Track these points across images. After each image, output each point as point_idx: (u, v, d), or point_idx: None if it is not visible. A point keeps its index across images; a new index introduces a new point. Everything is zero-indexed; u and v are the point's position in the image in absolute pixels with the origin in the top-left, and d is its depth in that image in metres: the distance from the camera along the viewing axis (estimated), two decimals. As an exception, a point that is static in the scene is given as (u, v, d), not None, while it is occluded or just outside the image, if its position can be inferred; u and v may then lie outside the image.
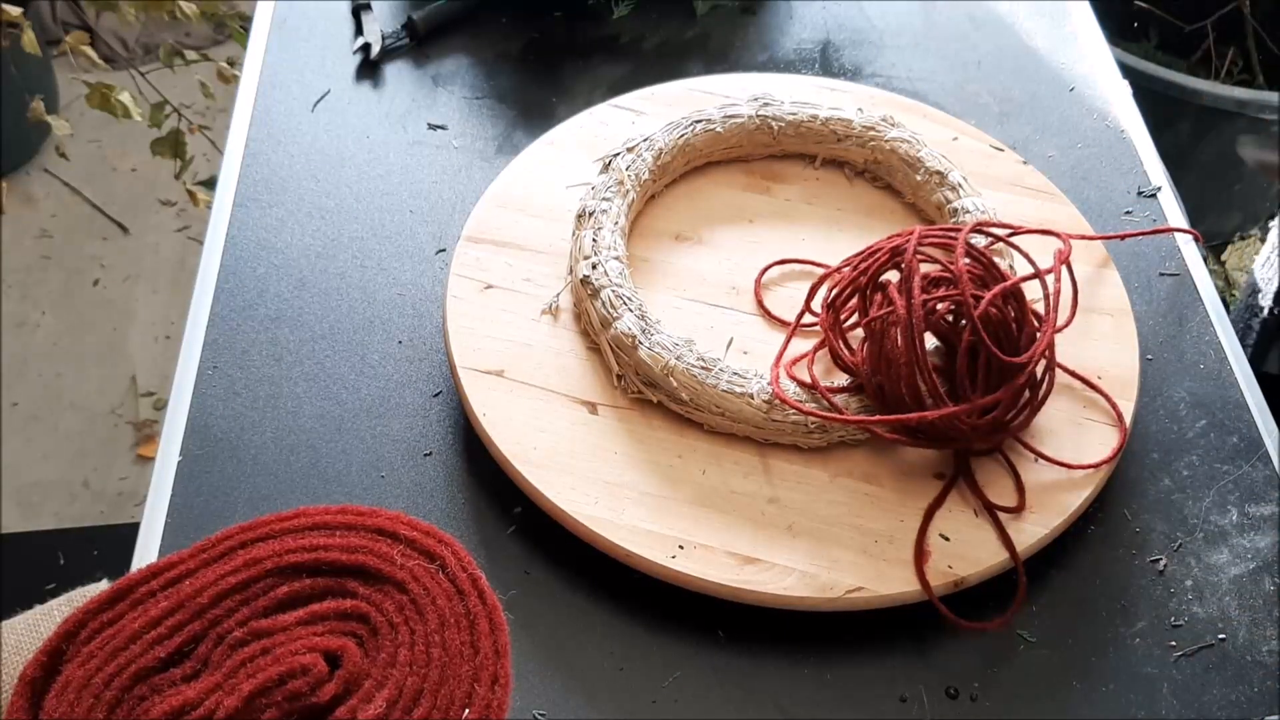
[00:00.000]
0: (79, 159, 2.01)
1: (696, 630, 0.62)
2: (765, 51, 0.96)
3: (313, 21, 0.96)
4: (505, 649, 0.52)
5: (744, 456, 0.66)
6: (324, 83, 0.91)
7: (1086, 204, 0.83)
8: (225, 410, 0.70)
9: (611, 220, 0.73)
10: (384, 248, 0.79)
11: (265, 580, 0.53)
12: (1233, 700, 0.61)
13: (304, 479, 0.67)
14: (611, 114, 0.84)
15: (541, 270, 0.74)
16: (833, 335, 0.68)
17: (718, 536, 0.62)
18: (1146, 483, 0.69)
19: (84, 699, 0.49)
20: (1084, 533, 0.67)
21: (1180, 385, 0.74)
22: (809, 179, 0.82)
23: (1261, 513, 0.68)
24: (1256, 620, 0.64)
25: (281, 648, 0.51)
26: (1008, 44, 0.98)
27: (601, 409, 0.67)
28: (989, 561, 0.62)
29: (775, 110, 0.81)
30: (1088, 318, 0.72)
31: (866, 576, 0.61)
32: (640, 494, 0.63)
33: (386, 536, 0.55)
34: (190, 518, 0.65)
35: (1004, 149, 0.83)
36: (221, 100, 1.59)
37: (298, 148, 0.86)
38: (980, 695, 0.60)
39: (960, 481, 0.65)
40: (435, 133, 0.87)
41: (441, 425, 0.70)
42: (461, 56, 0.94)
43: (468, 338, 0.69)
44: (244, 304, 0.76)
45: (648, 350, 0.66)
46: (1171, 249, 0.82)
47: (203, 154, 1.76)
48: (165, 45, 1.56)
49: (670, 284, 0.75)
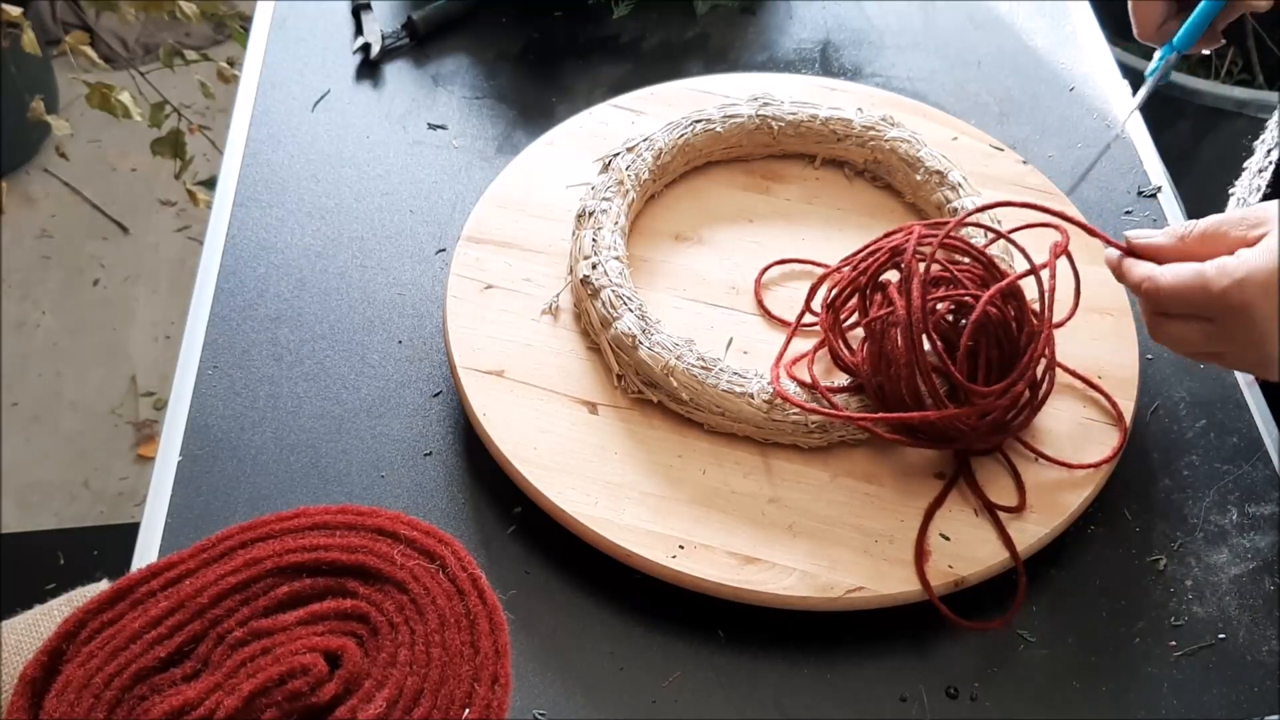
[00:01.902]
0: (79, 159, 2.01)
1: (696, 630, 0.62)
2: (765, 51, 0.96)
3: (313, 21, 0.96)
4: (505, 649, 0.52)
5: (744, 456, 0.66)
6: (324, 83, 0.91)
7: (1086, 204, 0.83)
8: (225, 410, 0.70)
9: (611, 220, 0.73)
10: (384, 248, 0.79)
11: (265, 580, 0.53)
12: (1233, 700, 0.61)
13: (304, 479, 0.67)
14: (611, 114, 0.84)
15: (541, 270, 0.74)
16: (833, 335, 0.68)
17: (718, 536, 0.62)
18: (1146, 483, 0.69)
19: (84, 699, 0.49)
20: (1084, 533, 0.67)
21: (1180, 385, 0.74)
22: (809, 179, 0.82)
23: (1261, 513, 0.68)
24: (1256, 620, 0.64)
25: (282, 647, 0.51)
26: (1008, 44, 0.98)
27: (602, 409, 0.67)
28: (989, 561, 0.62)
29: (775, 110, 0.81)
30: (1088, 317, 0.72)
31: (867, 576, 0.61)
32: (640, 494, 0.63)
33: (386, 536, 0.55)
34: (190, 518, 0.65)
35: (1004, 149, 0.83)
36: (221, 100, 1.59)
37: (298, 148, 0.86)
38: (980, 695, 0.60)
39: (960, 481, 0.65)
40: (435, 133, 0.87)
41: (441, 425, 0.70)
42: (461, 56, 0.94)
43: (468, 338, 0.69)
44: (244, 304, 0.75)
45: (648, 350, 0.66)
46: (1171, 249, 0.82)
47: (203, 154, 1.76)
48: (165, 45, 1.56)
49: (670, 284, 0.75)
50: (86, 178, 2.05)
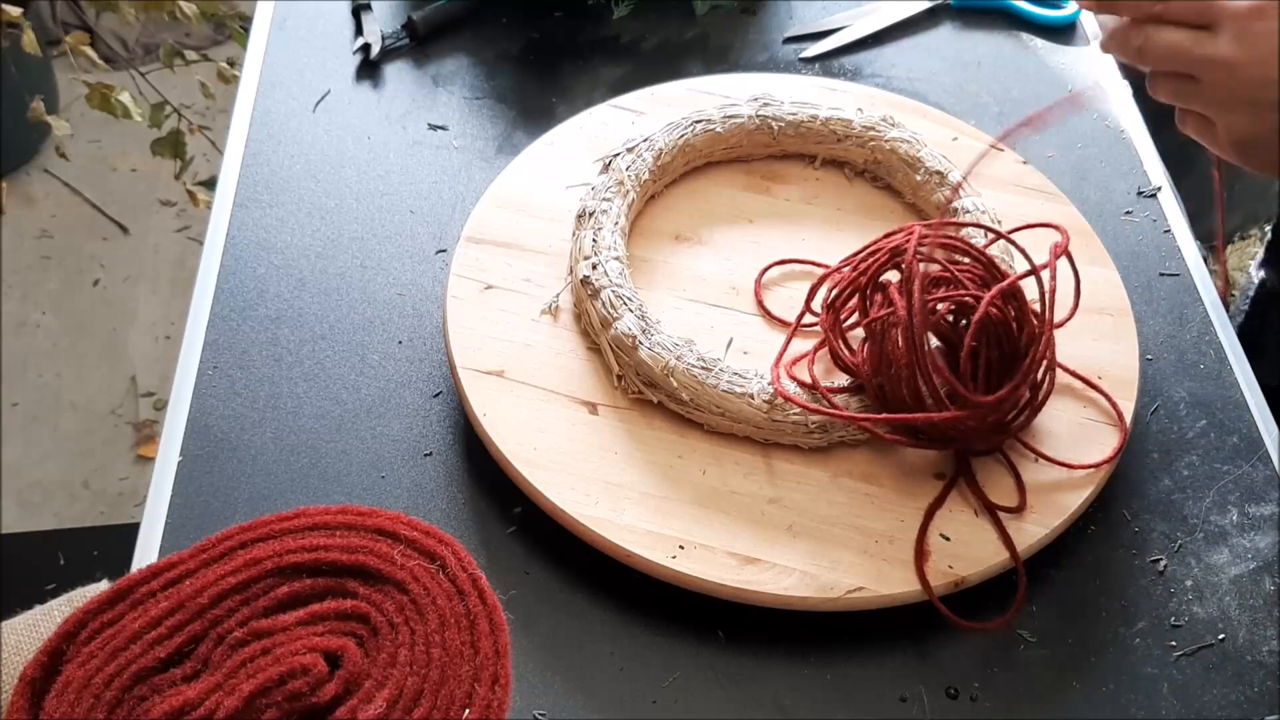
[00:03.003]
0: (79, 159, 2.01)
1: (696, 630, 0.62)
2: (765, 51, 0.96)
3: (313, 21, 0.96)
4: (505, 649, 0.52)
5: (744, 456, 0.66)
6: (324, 83, 0.91)
7: (1086, 204, 0.83)
8: (225, 410, 0.70)
9: (611, 220, 0.73)
10: (384, 248, 0.79)
11: (265, 580, 0.53)
12: (1233, 700, 0.61)
13: (304, 479, 0.67)
14: (611, 114, 0.84)
15: (541, 270, 0.74)
16: (833, 335, 0.68)
17: (718, 536, 0.62)
18: (1146, 483, 0.69)
19: (84, 699, 0.49)
20: (1084, 533, 0.67)
21: (1180, 385, 0.74)
22: (809, 179, 0.82)
23: (1261, 513, 0.68)
24: (1256, 620, 0.64)
25: (282, 648, 0.51)
26: (1008, 44, 0.98)
27: (602, 409, 0.67)
28: (989, 561, 0.62)
29: (775, 110, 0.81)
30: (1088, 317, 0.72)
31: (867, 576, 0.61)
32: (640, 494, 0.63)
33: (386, 536, 0.55)
34: (190, 518, 0.65)
35: (1004, 149, 0.83)
36: (221, 100, 1.59)
37: (298, 148, 0.86)
38: (980, 695, 0.60)
39: (960, 481, 0.65)
40: (435, 133, 0.87)
41: (441, 425, 0.70)
42: (461, 56, 0.94)
43: (468, 338, 0.69)
44: (244, 304, 0.75)
45: (648, 350, 0.66)
46: (1171, 249, 0.82)
47: (203, 154, 1.76)
48: (165, 45, 1.56)
49: (670, 284, 0.75)
50: (86, 178, 2.05)
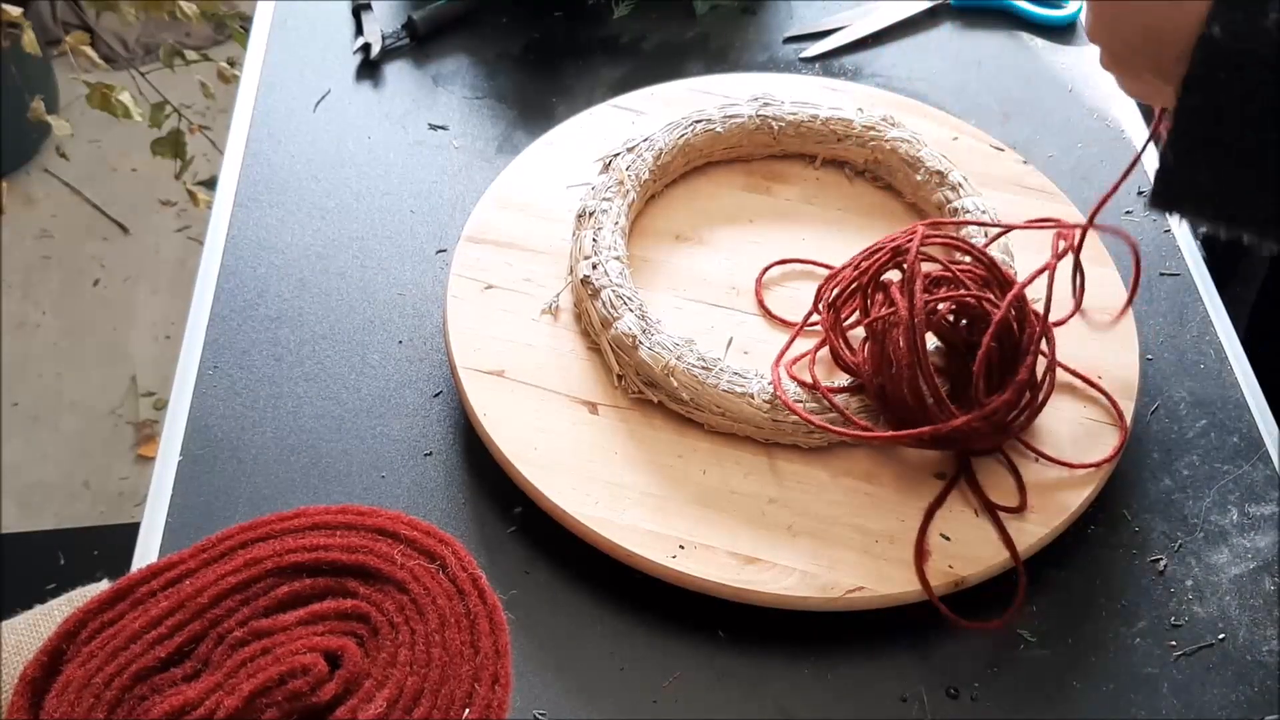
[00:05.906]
0: (79, 159, 2.02)
1: (697, 630, 0.62)
2: (765, 51, 0.96)
3: (313, 21, 0.96)
4: (505, 649, 0.52)
5: (745, 456, 0.66)
6: (324, 83, 0.91)
7: (1086, 204, 0.83)
8: (225, 410, 0.70)
9: (611, 220, 0.73)
10: (384, 248, 0.79)
11: (265, 580, 0.53)
12: (1233, 700, 0.61)
13: (304, 479, 0.67)
14: (611, 114, 0.84)
15: (541, 270, 0.74)
16: (833, 335, 0.68)
17: (718, 536, 0.62)
18: (1147, 483, 0.69)
19: (84, 699, 0.49)
20: (1084, 532, 0.67)
21: (1180, 385, 0.74)
22: (809, 179, 0.82)
23: (1261, 513, 0.68)
24: (1256, 620, 0.64)
25: (282, 648, 0.51)
26: (1008, 44, 0.98)
27: (602, 409, 0.67)
28: (989, 561, 0.62)
29: (775, 110, 0.81)
30: (1088, 317, 0.72)
31: (867, 576, 0.61)
32: (641, 494, 0.63)
33: (387, 536, 0.55)
34: (190, 518, 0.65)
35: (1004, 149, 0.83)
36: (221, 100, 1.59)
37: (298, 148, 0.86)
38: (980, 695, 0.60)
39: (961, 481, 0.65)
40: (435, 133, 0.87)
41: (441, 425, 0.70)
42: (461, 56, 0.94)
43: (468, 338, 0.69)
44: (244, 304, 0.75)
45: (648, 350, 0.66)
46: (1171, 249, 0.82)
47: (203, 154, 1.76)
48: (165, 45, 1.56)
49: (670, 284, 0.75)
50: (86, 178, 2.05)
